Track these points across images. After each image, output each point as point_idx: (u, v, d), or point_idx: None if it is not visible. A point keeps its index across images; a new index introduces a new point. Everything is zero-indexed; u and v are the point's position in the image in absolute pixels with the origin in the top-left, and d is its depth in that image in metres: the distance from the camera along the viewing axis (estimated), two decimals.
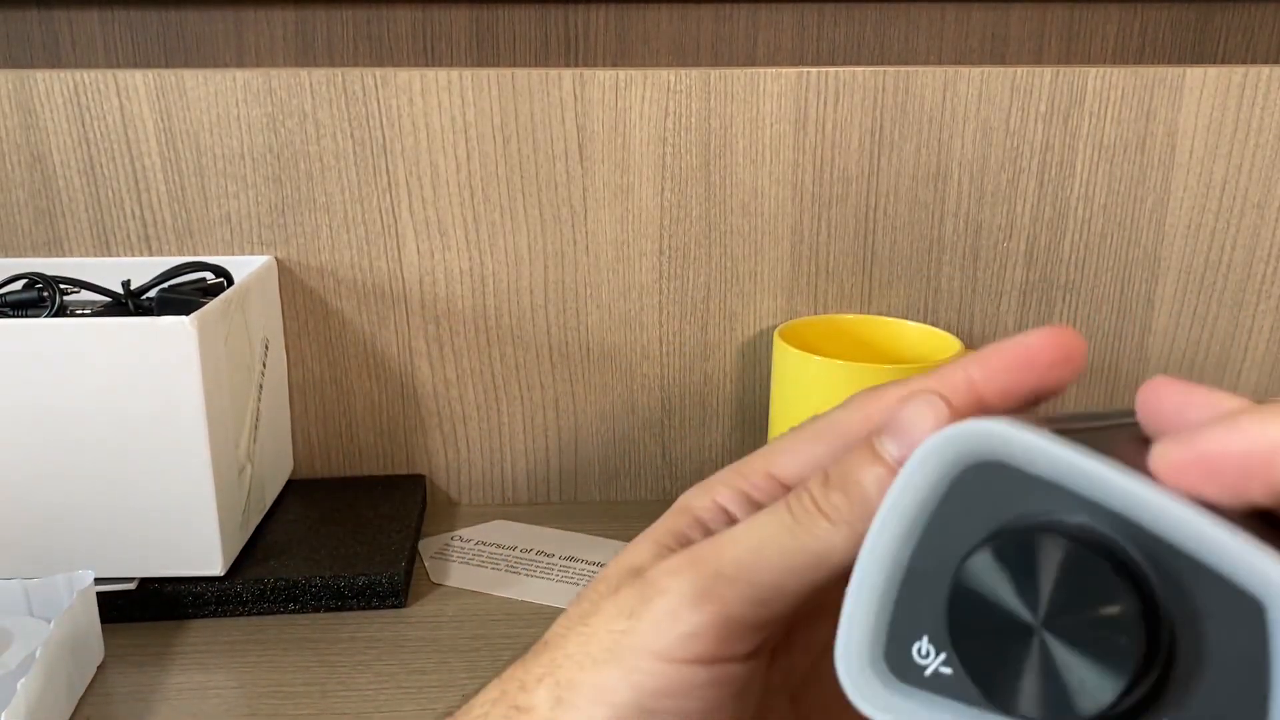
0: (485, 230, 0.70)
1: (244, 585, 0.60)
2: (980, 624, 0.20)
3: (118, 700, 0.53)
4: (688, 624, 0.23)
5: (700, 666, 0.23)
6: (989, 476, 0.21)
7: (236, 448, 0.61)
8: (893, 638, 0.22)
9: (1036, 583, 0.19)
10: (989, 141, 0.70)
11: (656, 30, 0.73)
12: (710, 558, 0.24)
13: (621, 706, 0.23)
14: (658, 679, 0.23)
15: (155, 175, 0.68)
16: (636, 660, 0.23)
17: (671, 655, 0.23)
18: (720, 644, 0.23)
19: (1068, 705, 0.19)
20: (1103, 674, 0.19)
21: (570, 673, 0.24)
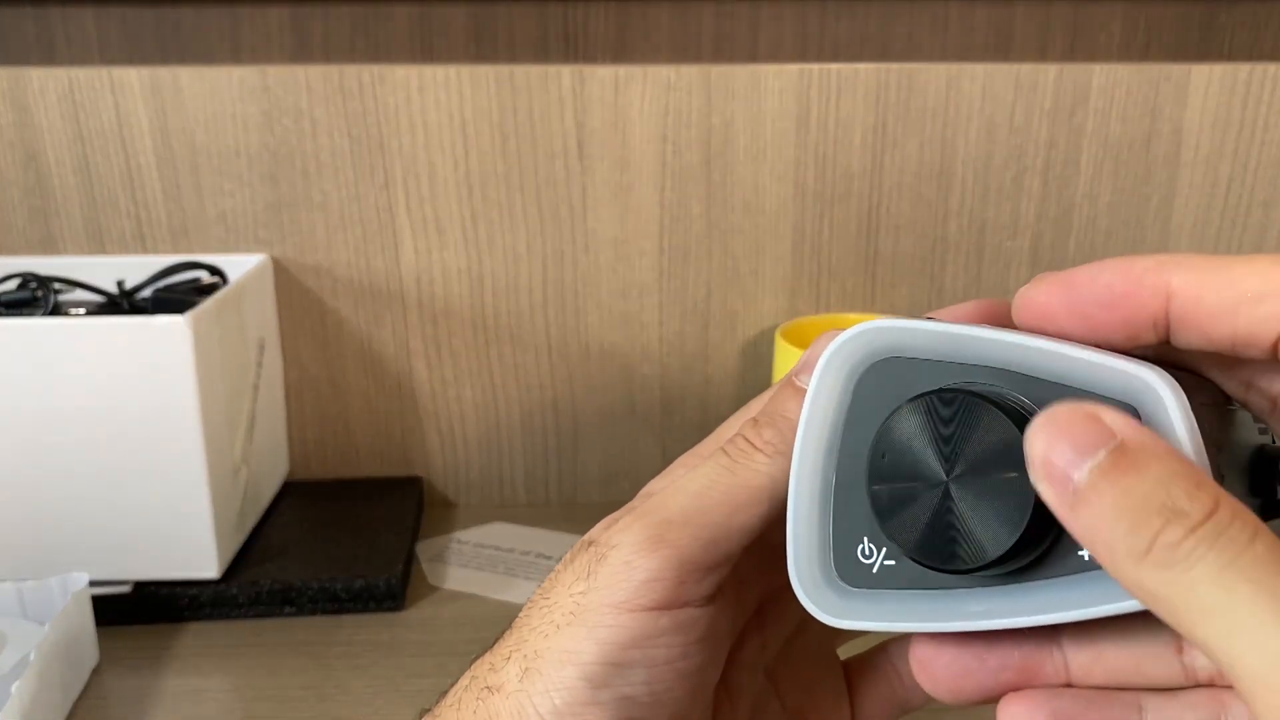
0: (483, 229, 0.69)
1: (240, 588, 0.59)
2: (896, 496, 0.22)
3: (112, 704, 0.52)
4: (643, 570, 0.24)
5: (660, 613, 0.24)
6: (885, 371, 0.23)
7: (232, 449, 0.61)
8: (837, 547, 0.23)
9: (936, 443, 0.21)
10: (993, 139, 0.69)
11: (657, 26, 0.73)
12: (657, 509, 0.25)
13: (589, 664, 0.23)
14: (621, 631, 0.23)
15: (150, 173, 0.67)
16: (598, 616, 0.24)
17: (631, 604, 0.23)
18: (677, 587, 0.24)
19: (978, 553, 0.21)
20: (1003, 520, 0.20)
21: (535, 643, 0.24)
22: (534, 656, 0.24)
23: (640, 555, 0.24)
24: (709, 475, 0.25)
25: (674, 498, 0.25)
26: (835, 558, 0.24)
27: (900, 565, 0.23)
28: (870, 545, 0.23)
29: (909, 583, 0.23)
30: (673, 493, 0.25)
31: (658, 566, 0.24)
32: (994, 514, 0.20)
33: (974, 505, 0.21)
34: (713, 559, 0.24)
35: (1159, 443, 0.19)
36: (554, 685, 0.23)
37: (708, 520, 0.24)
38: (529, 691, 0.23)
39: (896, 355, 0.23)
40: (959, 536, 0.21)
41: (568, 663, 0.23)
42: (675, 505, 0.25)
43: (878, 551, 0.23)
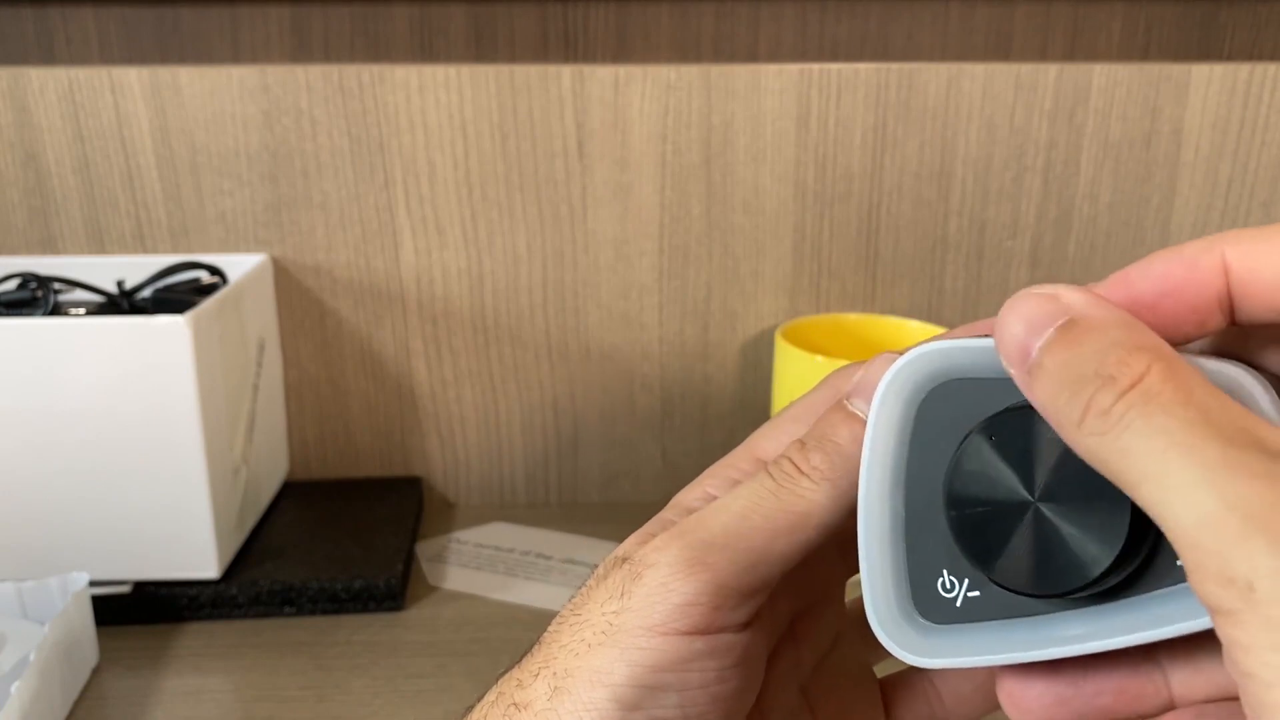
0: (483, 229, 0.69)
1: (239, 588, 0.59)
2: (981, 522, 0.21)
3: (112, 704, 0.52)
4: (680, 594, 0.23)
5: (696, 637, 0.23)
6: (947, 394, 0.22)
7: (232, 449, 0.61)
8: (915, 582, 0.22)
9: (1018, 463, 0.20)
10: (993, 139, 0.69)
11: (657, 26, 0.73)
12: (697, 529, 0.24)
13: (619, 686, 0.23)
14: (654, 654, 0.23)
15: (150, 173, 0.67)
16: (631, 638, 0.23)
17: (666, 628, 0.23)
18: (714, 612, 0.23)
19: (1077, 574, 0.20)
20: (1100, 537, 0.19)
21: (566, 661, 0.23)
22: (564, 675, 0.23)
23: (678, 577, 0.23)
24: (752, 497, 0.24)
25: (715, 517, 0.24)
26: (914, 594, 0.23)
27: (985, 596, 0.22)
28: (951, 578, 0.22)
29: (996, 613, 0.22)
30: (714, 512, 0.24)
31: (695, 590, 0.23)
32: (1089, 530, 0.20)
33: (1067, 523, 0.20)
34: (752, 584, 0.24)
35: (1109, 314, 0.19)
36: (584, 706, 0.23)
37: (749, 545, 0.23)
38: (558, 711, 0.23)
39: (957, 377, 0.22)
40: (1055, 558, 0.20)
41: (598, 683, 0.23)
42: (716, 526, 0.24)
43: (959, 584, 0.22)
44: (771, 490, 0.24)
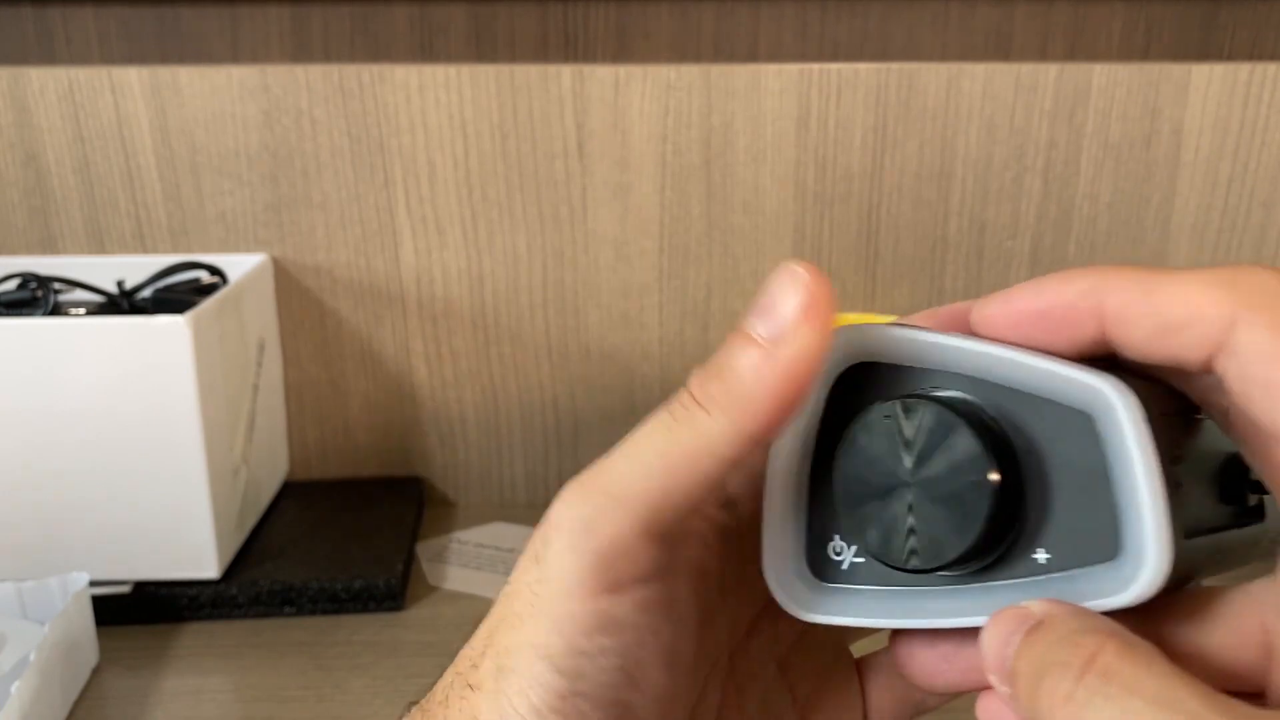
0: (483, 229, 0.69)
1: (240, 588, 0.59)
2: (862, 495, 0.23)
3: (112, 704, 0.52)
4: (587, 554, 0.23)
5: (616, 595, 0.23)
6: (861, 374, 0.23)
7: (231, 449, 0.61)
8: (811, 543, 0.24)
9: (900, 447, 0.22)
10: (993, 139, 0.69)
11: (657, 26, 0.73)
12: (597, 477, 0.24)
13: (557, 656, 0.23)
14: (581, 619, 0.23)
15: (150, 173, 0.67)
16: (553, 607, 0.23)
17: (583, 591, 0.23)
18: (626, 565, 0.23)
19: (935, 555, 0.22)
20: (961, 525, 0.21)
21: (504, 638, 0.24)
22: (505, 653, 0.23)
23: (582, 539, 0.23)
24: (647, 436, 0.24)
25: (614, 465, 0.24)
26: (809, 553, 0.24)
27: (869, 563, 0.23)
28: (841, 542, 0.24)
29: (878, 580, 0.23)
30: (614, 458, 0.24)
31: (601, 549, 0.23)
32: (951, 517, 0.21)
33: (932, 508, 0.21)
34: (659, 528, 0.23)
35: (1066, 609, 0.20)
36: (529, 683, 0.23)
37: (645, 490, 0.23)
38: (506, 692, 0.23)
39: (872, 360, 0.23)
40: (917, 537, 0.22)
41: (537, 657, 0.23)
42: (614, 473, 0.24)
43: (848, 549, 0.24)
44: (667, 426, 0.23)
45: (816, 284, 0.22)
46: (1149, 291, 0.20)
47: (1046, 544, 0.21)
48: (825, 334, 0.22)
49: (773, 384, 0.22)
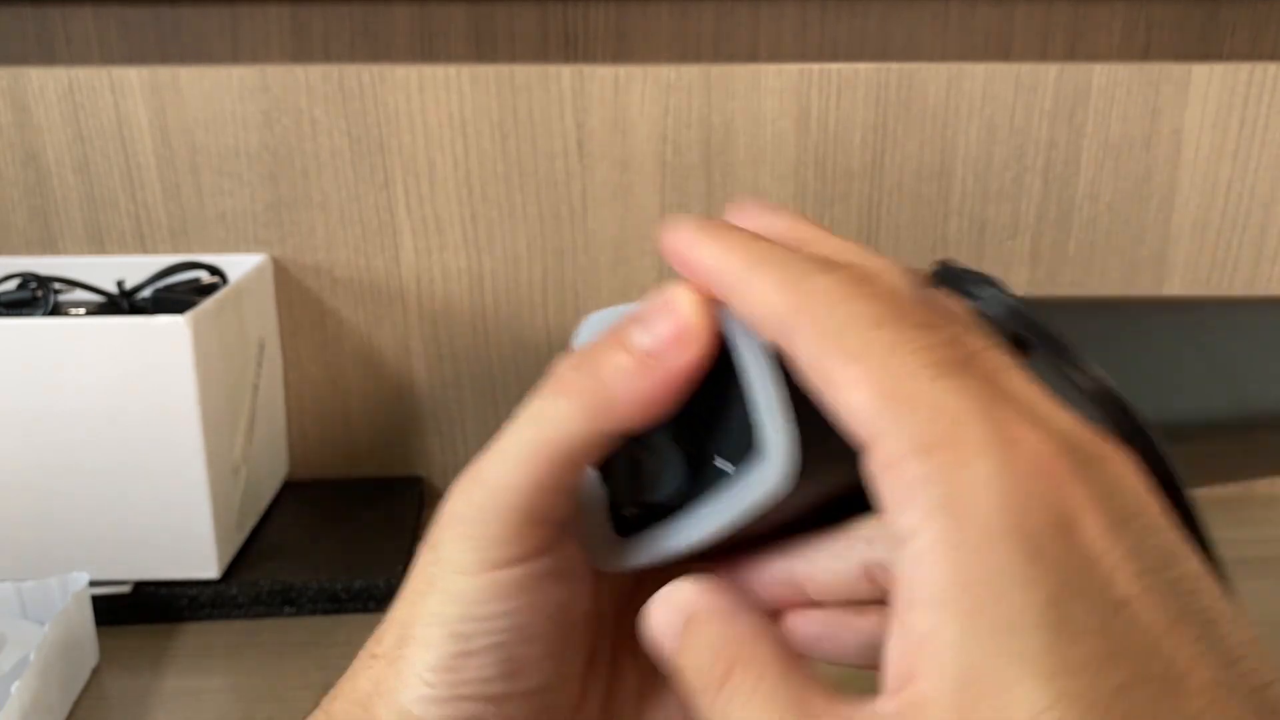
0: (483, 228, 0.69)
1: (240, 588, 0.59)
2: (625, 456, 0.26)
3: (112, 704, 0.52)
4: (475, 543, 0.25)
5: (504, 570, 0.25)
6: None
7: (232, 449, 0.61)
8: (612, 506, 0.27)
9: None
10: (993, 139, 0.69)
11: (657, 26, 0.73)
12: (478, 473, 0.26)
13: (452, 621, 0.25)
14: (472, 590, 0.25)
15: (150, 173, 0.67)
16: (447, 583, 0.26)
17: (474, 570, 0.25)
18: (511, 548, 0.25)
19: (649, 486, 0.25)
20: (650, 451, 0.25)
21: (404, 611, 0.26)
22: (405, 623, 0.26)
23: (470, 528, 0.25)
24: (515, 429, 0.26)
25: (491, 459, 0.26)
26: (612, 518, 0.27)
27: (641, 514, 0.26)
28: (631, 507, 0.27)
29: (651, 524, 0.26)
30: (491, 454, 0.26)
31: (488, 536, 0.25)
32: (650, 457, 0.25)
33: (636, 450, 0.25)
34: (537, 513, 0.25)
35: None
36: (426, 647, 0.25)
37: (518, 481, 0.25)
38: (407, 657, 0.26)
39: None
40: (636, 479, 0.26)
41: (434, 624, 0.25)
42: (491, 469, 0.26)
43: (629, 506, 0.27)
44: (533, 419, 0.26)
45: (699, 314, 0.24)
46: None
47: (722, 454, 0.24)
48: (695, 360, 0.24)
49: (635, 392, 0.24)
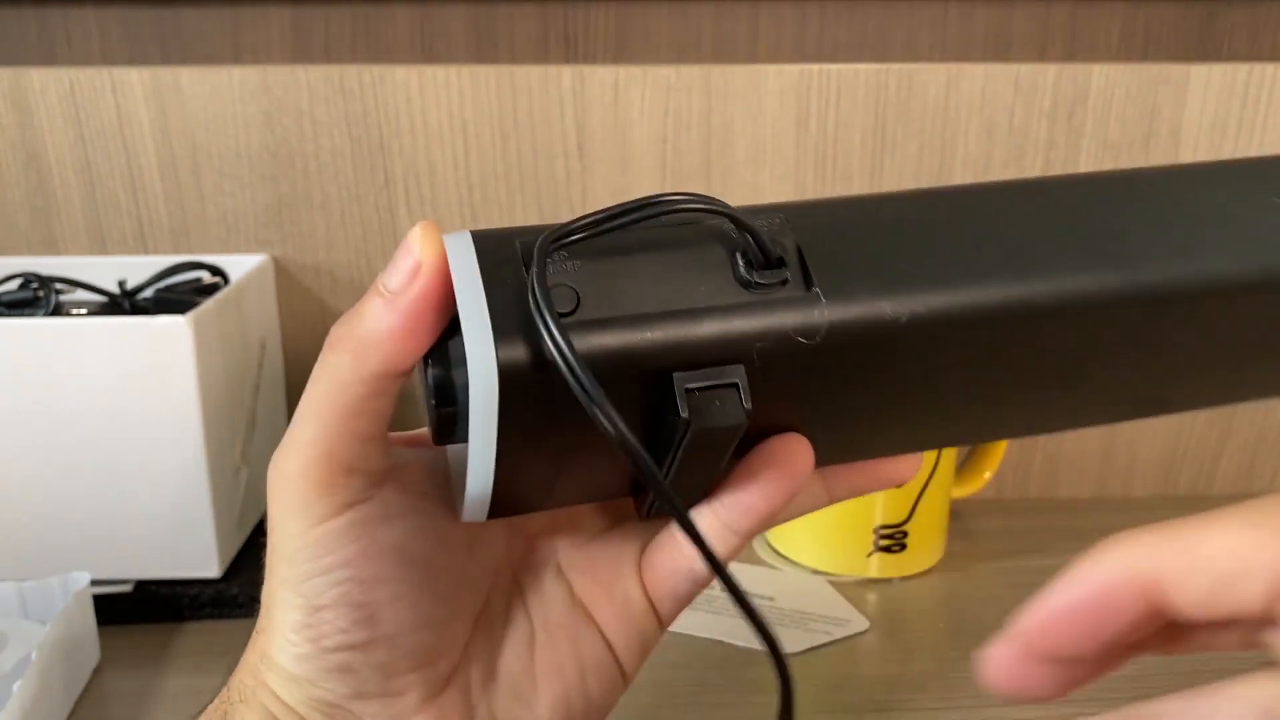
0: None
1: (241, 588, 0.59)
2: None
3: (114, 703, 0.52)
4: (291, 502, 0.27)
5: (327, 522, 0.27)
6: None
7: (233, 449, 0.61)
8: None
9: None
10: (992, 140, 0.69)
11: (656, 27, 0.73)
12: (286, 438, 0.28)
13: (295, 581, 0.28)
14: (305, 550, 0.27)
15: (151, 174, 0.67)
16: (283, 547, 0.28)
17: (299, 529, 0.27)
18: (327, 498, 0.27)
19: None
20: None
21: (267, 584, 0.29)
22: (269, 595, 0.29)
23: (285, 490, 0.27)
24: (306, 391, 0.28)
25: (292, 424, 0.28)
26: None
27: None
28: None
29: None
30: (293, 419, 0.28)
31: (301, 492, 0.27)
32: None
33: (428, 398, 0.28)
34: (341, 462, 0.27)
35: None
36: (285, 609, 0.28)
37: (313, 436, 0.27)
38: (277, 626, 0.28)
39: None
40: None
41: (287, 589, 0.28)
42: (293, 432, 0.28)
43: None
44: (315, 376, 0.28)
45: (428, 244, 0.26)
46: (1190, 551, 0.19)
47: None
48: (434, 287, 0.26)
49: (388, 329, 0.26)
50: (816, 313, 0.25)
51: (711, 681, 0.52)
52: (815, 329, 0.25)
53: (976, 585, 0.62)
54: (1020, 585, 0.61)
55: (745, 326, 0.25)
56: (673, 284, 0.25)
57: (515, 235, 0.25)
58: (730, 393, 0.25)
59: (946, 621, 0.58)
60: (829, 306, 0.25)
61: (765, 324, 0.25)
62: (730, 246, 0.25)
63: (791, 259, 0.25)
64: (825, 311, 0.25)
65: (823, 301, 0.25)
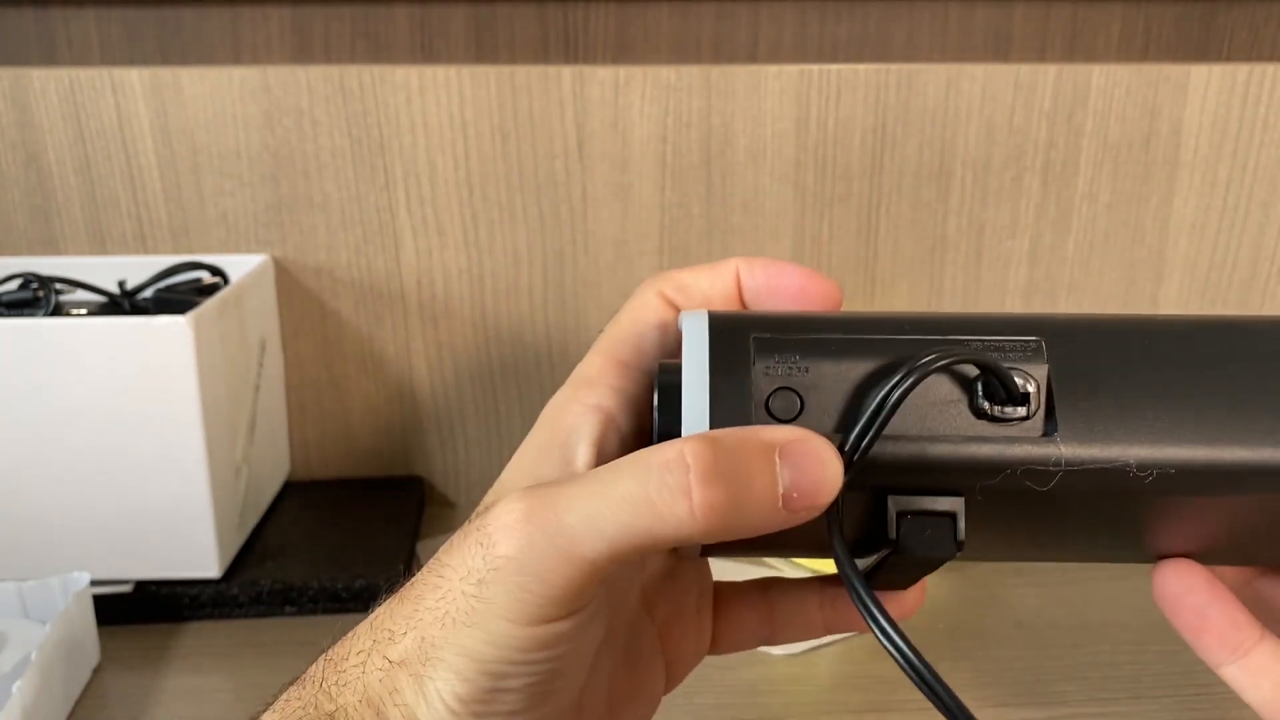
0: (484, 229, 0.69)
1: (240, 588, 0.59)
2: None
3: (114, 703, 0.52)
4: (532, 599, 0.23)
5: (552, 625, 0.23)
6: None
7: (233, 449, 0.61)
8: None
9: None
10: (992, 139, 0.69)
11: (657, 27, 0.73)
12: (556, 508, 0.23)
13: (489, 663, 0.24)
14: (517, 639, 0.23)
15: (151, 174, 0.67)
16: (490, 625, 0.23)
17: (522, 623, 0.23)
18: (568, 606, 0.23)
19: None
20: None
21: (433, 630, 0.24)
22: (433, 644, 0.24)
23: (531, 581, 0.23)
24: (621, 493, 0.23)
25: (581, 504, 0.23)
26: None
27: None
28: None
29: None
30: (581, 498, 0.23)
31: (548, 595, 0.23)
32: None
33: None
34: (604, 574, 0.23)
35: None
36: (457, 677, 0.24)
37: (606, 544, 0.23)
38: (433, 678, 0.24)
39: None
40: None
41: (468, 656, 0.24)
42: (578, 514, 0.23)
43: None
44: (645, 501, 0.22)
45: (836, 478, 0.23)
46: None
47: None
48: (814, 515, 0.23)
49: (759, 526, 0.23)
50: (1052, 459, 0.23)
51: (711, 681, 0.52)
52: (1049, 475, 0.23)
53: (976, 585, 0.62)
54: (1020, 585, 0.62)
55: (973, 461, 0.23)
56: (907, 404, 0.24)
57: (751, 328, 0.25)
58: (944, 522, 0.24)
59: (946, 621, 0.58)
60: (1066, 452, 0.23)
61: (995, 461, 0.23)
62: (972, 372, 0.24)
63: (1039, 393, 0.24)
64: (1062, 457, 0.23)
65: (1060, 448, 0.23)
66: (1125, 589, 0.60)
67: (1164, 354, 0.24)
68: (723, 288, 0.28)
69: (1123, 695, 0.51)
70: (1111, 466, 0.23)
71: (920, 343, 0.24)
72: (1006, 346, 0.24)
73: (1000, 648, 0.55)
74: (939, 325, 0.25)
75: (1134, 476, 0.23)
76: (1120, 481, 0.23)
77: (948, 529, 0.24)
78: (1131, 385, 0.24)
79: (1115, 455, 0.23)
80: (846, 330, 0.25)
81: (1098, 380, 0.24)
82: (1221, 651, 0.26)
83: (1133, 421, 0.23)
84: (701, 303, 0.28)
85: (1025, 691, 0.51)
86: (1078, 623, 0.57)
